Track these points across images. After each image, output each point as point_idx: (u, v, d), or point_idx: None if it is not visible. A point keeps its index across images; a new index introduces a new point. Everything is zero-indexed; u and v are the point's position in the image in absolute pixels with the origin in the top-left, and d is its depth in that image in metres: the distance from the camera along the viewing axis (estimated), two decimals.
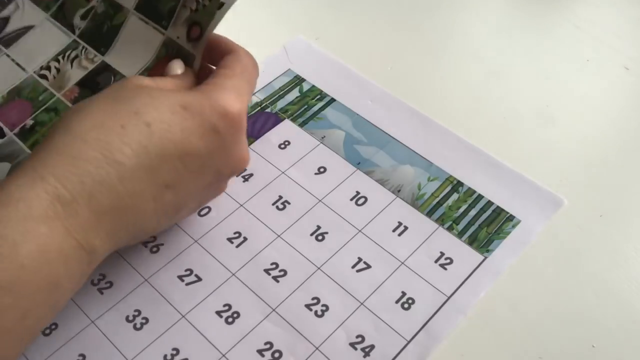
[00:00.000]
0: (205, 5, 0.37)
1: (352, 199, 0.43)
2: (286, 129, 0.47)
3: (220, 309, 0.38)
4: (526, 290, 0.39)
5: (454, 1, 0.59)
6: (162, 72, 0.38)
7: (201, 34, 0.37)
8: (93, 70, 0.41)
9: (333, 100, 0.49)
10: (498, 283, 0.39)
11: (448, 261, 0.40)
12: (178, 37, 0.38)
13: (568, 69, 0.53)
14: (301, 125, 0.47)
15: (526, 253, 0.40)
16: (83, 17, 0.43)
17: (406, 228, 0.42)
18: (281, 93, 0.50)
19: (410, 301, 0.38)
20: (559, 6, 0.58)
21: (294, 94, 0.49)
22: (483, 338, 0.37)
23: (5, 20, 0.45)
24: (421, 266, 0.40)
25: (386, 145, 0.46)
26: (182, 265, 0.40)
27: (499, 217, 0.42)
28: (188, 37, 0.37)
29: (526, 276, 0.40)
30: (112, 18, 0.41)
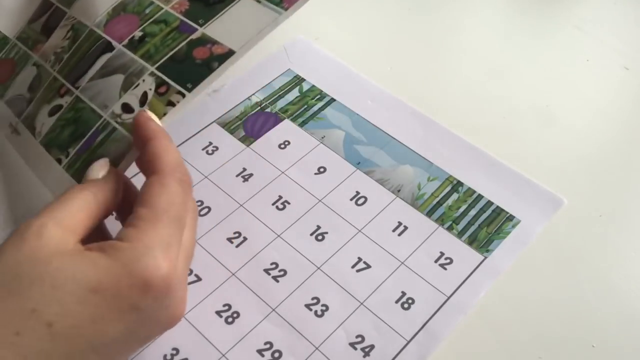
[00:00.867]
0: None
1: (352, 199, 0.43)
2: (286, 129, 0.47)
3: (220, 309, 0.38)
4: (526, 290, 0.39)
5: (454, 1, 0.59)
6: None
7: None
8: None
9: (333, 100, 0.49)
10: (498, 283, 0.39)
11: (448, 261, 0.40)
12: None
13: (568, 69, 0.53)
14: (301, 125, 0.47)
15: (526, 253, 0.40)
16: None
17: (406, 228, 0.42)
18: (281, 93, 0.50)
19: (410, 301, 0.38)
20: (559, 6, 0.58)
21: (294, 94, 0.49)
22: (483, 338, 0.37)
23: None
24: (421, 266, 0.40)
25: (386, 145, 0.46)
26: None
27: (499, 217, 0.42)
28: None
29: (526, 276, 0.40)
30: None
